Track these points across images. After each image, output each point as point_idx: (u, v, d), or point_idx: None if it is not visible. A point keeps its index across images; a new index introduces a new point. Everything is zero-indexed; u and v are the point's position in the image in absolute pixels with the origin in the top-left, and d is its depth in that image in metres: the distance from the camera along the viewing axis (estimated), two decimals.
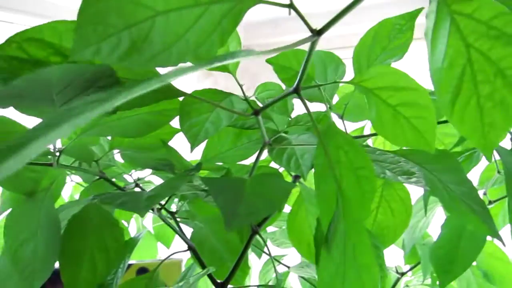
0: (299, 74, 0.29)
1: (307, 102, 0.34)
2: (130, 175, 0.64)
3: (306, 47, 0.29)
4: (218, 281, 0.54)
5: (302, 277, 0.83)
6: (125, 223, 0.84)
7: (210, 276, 0.54)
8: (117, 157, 0.64)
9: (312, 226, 0.63)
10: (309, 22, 0.27)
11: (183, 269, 0.84)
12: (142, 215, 0.33)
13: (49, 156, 0.46)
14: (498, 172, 0.68)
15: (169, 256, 0.62)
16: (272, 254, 0.90)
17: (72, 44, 0.25)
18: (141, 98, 0.36)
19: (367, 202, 0.30)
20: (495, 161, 0.68)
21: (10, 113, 0.38)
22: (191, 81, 2.33)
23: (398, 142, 0.29)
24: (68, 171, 0.80)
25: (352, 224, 0.27)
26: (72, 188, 0.89)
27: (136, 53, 0.25)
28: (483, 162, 0.70)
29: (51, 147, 0.43)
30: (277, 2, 0.24)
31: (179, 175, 0.37)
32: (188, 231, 0.64)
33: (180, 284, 0.38)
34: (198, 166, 0.38)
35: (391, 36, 0.47)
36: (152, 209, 0.50)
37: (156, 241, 0.95)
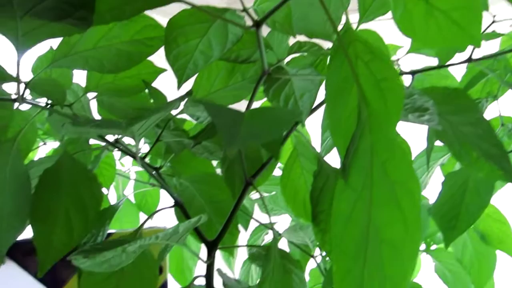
0: None
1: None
2: None
3: None
4: (208, 240, 0.49)
5: (292, 243, 0.79)
6: (105, 191, 0.79)
7: (199, 234, 0.49)
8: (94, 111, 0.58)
9: (308, 183, 0.59)
10: None
11: None
12: (124, 132, 0.28)
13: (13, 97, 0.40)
14: (502, 124, 0.65)
15: (150, 216, 0.56)
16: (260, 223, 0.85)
17: None
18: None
19: (393, 118, 0.25)
20: (500, 116, 0.65)
21: None
22: None
23: (432, 42, 0.24)
24: (40, 132, 0.73)
25: (382, 138, 0.23)
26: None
27: None
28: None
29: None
30: None
31: (168, 102, 0.31)
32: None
33: (170, 230, 0.33)
34: (189, 92, 0.33)
35: None
36: (134, 157, 0.44)
37: (137, 210, 0.89)
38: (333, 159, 0.54)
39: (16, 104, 0.44)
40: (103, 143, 0.70)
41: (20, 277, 0.74)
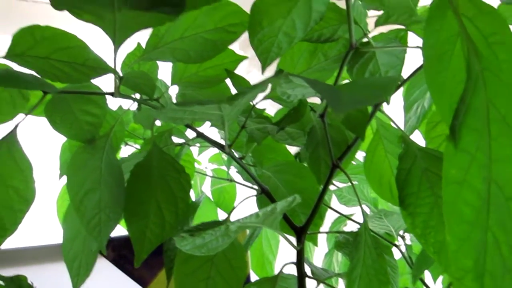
0: None
1: None
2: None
3: None
4: (297, 225, 0.49)
5: (373, 232, 0.76)
6: None
7: (288, 220, 0.49)
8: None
9: (392, 166, 0.57)
10: None
11: (247, 232, 0.79)
12: (230, 103, 0.28)
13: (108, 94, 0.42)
14: None
15: (231, 211, 0.57)
16: (340, 214, 0.84)
17: None
18: None
19: (509, 71, 0.23)
20: None
21: None
22: None
23: None
24: (128, 135, 0.77)
25: (501, 90, 0.21)
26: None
27: None
28: None
29: (111, 76, 0.38)
30: None
31: (262, 81, 0.31)
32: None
33: (268, 209, 0.33)
34: (279, 71, 0.33)
35: None
36: (223, 148, 0.45)
37: (216, 207, 0.91)
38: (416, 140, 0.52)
39: (108, 101, 0.46)
40: (183, 141, 0.72)
41: (109, 271, 0.78)
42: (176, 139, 0.71)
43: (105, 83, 0.49)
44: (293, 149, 0.80)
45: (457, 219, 0.25)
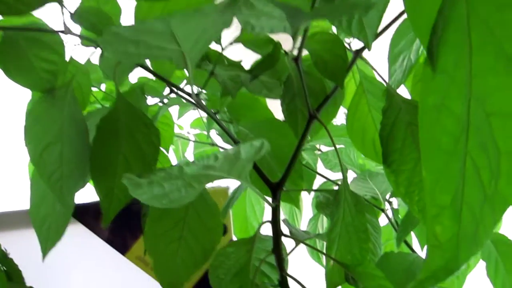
0: None
1: None
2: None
3: None
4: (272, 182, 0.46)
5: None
6: (164, 151, 0.78)
7: (262, 176, 0.47)
8: None
9: (376, 121, 0.54)
10: None
11: (229, 194, 0.77)
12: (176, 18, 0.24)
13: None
14: None
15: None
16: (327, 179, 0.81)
17: None
18: None
19: None
20: None
21: None
22: None
23: None
24: (100, 95, 0.73)
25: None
26: None
27: None
28: None
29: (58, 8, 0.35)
30: None
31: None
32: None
33: (231, 152, 0.30)
34: None
35: None
36: (190, 95, 0.42)
37: None
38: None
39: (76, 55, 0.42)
40: (158, 100, 0.68)
41: (90, 240, 0.75)
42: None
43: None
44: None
45: (435, 150, 0.22)
